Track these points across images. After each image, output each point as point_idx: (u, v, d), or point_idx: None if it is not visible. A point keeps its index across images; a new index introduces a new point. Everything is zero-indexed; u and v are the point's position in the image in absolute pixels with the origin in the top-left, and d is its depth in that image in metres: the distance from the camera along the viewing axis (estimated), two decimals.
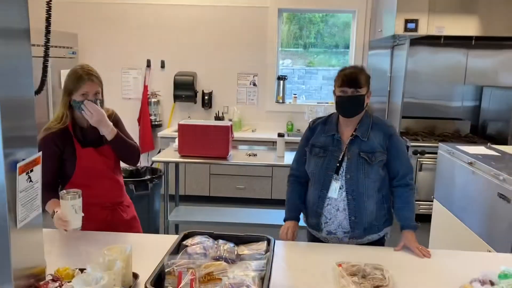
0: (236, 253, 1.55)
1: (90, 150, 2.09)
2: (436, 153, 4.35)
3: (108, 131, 2.07)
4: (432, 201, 3.57)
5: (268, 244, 1.61)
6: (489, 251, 2.53)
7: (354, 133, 2.05)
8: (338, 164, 2.03)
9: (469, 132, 5.12)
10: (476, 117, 5.19)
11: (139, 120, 5.61)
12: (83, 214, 1.85)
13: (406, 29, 4.13)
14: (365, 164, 2.01)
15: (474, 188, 2.79)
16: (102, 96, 2.10)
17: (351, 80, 1.98)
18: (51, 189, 2.04)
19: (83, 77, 1.99)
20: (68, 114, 2.05)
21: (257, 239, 1.65)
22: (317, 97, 5.96)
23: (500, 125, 4.65)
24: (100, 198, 2.14)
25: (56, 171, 2.08)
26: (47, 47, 1.40)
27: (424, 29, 4.16)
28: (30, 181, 1.35)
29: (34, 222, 1.41)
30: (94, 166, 2.09)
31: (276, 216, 4.16)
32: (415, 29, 4.13)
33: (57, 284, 1.43)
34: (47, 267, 1.53)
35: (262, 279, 1.38)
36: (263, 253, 1.56)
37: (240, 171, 5.01)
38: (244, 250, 1.57)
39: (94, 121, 2.01)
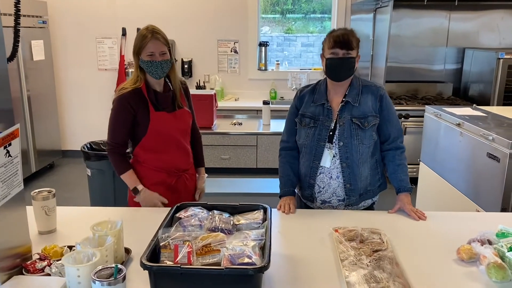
0: (232, 223, 1.50)
1: (163, 114, 2.06)
2: (420, 116, 4.37)
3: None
4: (417, 164, 3.59)
5: (264, 212, 1.55)
6: (478, 211, 2.56)
7: (344, 99, 1.98)
8: (331, 133, 1.98)
9: (452, 94, 5.13)
10: (458, 79, 5.20)
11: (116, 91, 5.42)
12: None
13: None
14: (358, 130, 1.95)
15: (463, 149, 2.80)
16: (171, 56, 2.04)
17: (343, 41, 1.89)
18: (121, 150, 2.08)
19: (147, 35, 1.97)
20: (140, 76, 2.03)
21: (252, 208, 1.60)
22: (297, 64, 5.86)
23: (482, 87, 4.67)
24: (168, 163, 2.12)
25: (129, 131, 2.06)
26: (17, 8, 1.27)
27: None
28: (9, 155, 1.25)
29: (16, 199, 1.32)
30: (165, 130, 2.07)
31: (262, 185, 4.13)
32: None
33: (45, 263, 1.36)
34: (33, 246, 1.46)
35: (261, 248, 1.33)
36: (260, 222, 1.50)
37: (224, 141, 4.94)
38: (240, 219, 1.51)
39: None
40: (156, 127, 2.04)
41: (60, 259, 1.38)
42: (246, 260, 1.22)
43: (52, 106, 5.41)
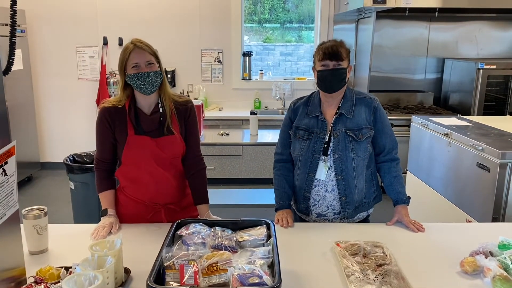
0: (235, 240, 1.46)
1: (145, 139, 1.84)
2: (404, 125, 4.44)
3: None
4: (404, 173, 3.62)
5: (268, 228, 1.52)
6: (469, 221, 2.59)
7: (338, 111, 1.98)
8: (325, 145, 1.96)
9: (433, 103, 5.23)
10: (439, 88, 5.30)
11: (97, 102, 5.31)
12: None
13: (374, 1, 4.09)
14: (352, 142, 1.95)
15: (451, 159, 2.83)
16: (161, 68, 1.85)
17: (332, 53, 1.89)
18: (106, 167, 1.93)
19: (128, 46, 1.80)
20: (124, 95, 1.86)
21: (254, 224, 1.57)
22: (276, 73, 5.87)
23: (462, 96, 4.77)
24: (144, 195, 1.92)
25: (110, 149, 1.91)
26: (13, 20, 1.22)
27: (392, 1, 4.14)
28: (5, 174, 1.19)
29: (11, 220, 1.25)
30: (140, 158, 1.84)
31: (249, 195, 4.10)
32: (383, 1, 4.10)
33: (41, 287, 1.29)
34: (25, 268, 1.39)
35: (269, 266, 1.30)
36: (264, 238, 1.47)
37: (209, 151, 4.88)
38: (243, 236, 1.48)
39: None
40: (131, 153, 1.84)
41: (57, 282, 1.32)
42: (257, 280, 1.19)
43: (30, 116, 5.26)
